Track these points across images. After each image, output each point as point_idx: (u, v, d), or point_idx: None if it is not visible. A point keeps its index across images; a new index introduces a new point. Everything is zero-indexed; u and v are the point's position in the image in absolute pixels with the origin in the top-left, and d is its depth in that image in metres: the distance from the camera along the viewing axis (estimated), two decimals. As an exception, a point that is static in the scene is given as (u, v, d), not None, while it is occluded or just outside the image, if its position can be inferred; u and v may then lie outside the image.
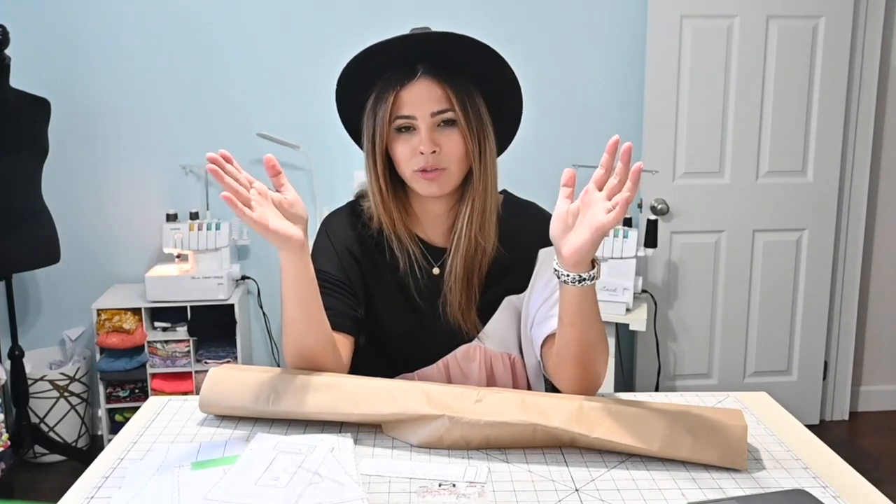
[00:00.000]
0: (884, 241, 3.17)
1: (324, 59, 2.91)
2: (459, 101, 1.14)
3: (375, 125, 1.17)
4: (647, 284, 2.95)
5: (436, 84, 1.14)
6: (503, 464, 0.97)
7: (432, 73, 1.14)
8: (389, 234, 1.23)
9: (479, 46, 1.14)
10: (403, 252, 1.23)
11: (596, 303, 1.06)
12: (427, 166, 1.15)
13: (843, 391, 3.21)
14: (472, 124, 1.16)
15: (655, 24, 2.83)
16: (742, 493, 0.89)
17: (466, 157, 1.17)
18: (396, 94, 1.14)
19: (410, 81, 1.14)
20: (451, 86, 1.14)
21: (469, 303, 1.22)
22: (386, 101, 1.14)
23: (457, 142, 1.16)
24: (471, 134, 1.16)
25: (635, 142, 2.98)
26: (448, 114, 1.14)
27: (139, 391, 2.87)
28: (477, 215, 1.20)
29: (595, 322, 1.07)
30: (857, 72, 2.96)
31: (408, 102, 1.14)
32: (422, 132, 1.14)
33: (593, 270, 1.01)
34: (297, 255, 1.06)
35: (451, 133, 1.15)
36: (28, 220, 2.49)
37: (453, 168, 1.17)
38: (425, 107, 1.14)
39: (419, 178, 1.16)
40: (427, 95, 1.14)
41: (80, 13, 2.85)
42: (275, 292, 3.07)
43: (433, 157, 1.14)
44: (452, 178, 1.18)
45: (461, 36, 1.13)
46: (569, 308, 1.05)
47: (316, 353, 1.12)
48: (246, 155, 2.97)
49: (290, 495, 0.86)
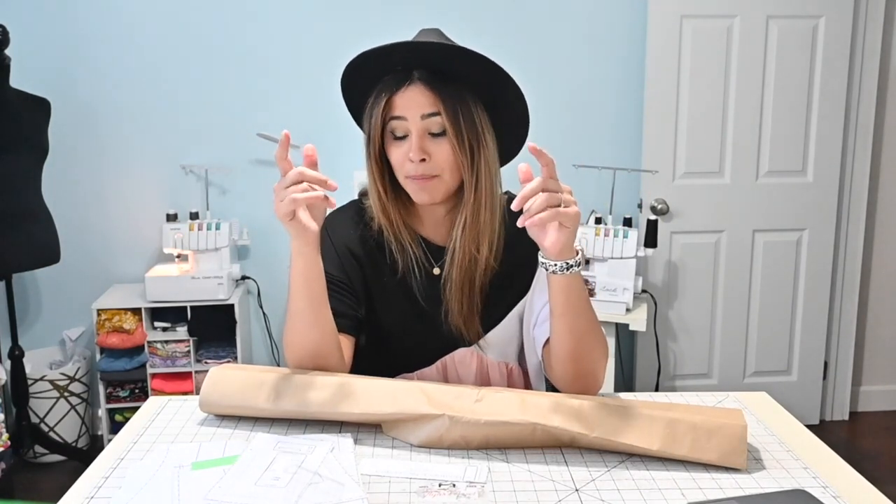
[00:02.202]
0: (884, 241, 3.17)
1: (324, 59, 2.91)
2: (450, 109, 1.13)
3: (371, 127, 1.17)
4: (647, 284, 2.95)
5: (427, 90, 1.14)
6: (503, 464, 0.97)
7: (425, 80, 1.14)
8: (389, 235, 1.23)
9: (477, 58, 1.13)
10: (404, 253, 1.23)
11: (585, 291, 1.08)
12: (416, 174, 1.15)
13: (843, 391, 3.21)
14: (462, 134, 1.14)
15: (655, 24, 2.83)
16: (742, 493, 0.89)
17: (456, 165, 1.17)
18: (390, 97, 1.15)
19: (404, 86, 1.14)
20: (441, 93, 1.14)
21: (471, 311, 1.22)
22: (379, 105, 1.15)
23: (447, 151, 1.15)
24: (460, 144, 1.14)
25: (635, 142, 2.98)
26: (437, 118, 1.14)
27: (139, 391, 2.87)
28: (469, 227, 1.19)
29: (584, 311, 1.08)
30: (857, 72, 2.96)
31: (399, 106, 1.14)
32: (412, 138, 1.14)
33: (578, 256, 1.03)
34: (310, 247, 1.07)
35: (442, 142, 1.15)
36: (28, 220, 2.49)
37: (446, 175, 1.16)
38: (416, 109, 1.14)
39: (412, 184, 1.17)
40: (419, 100, 1.14)
41: (81, 13, 2.85)
42: (275, 292, 3.07)
43: (422, 166, 1.14)
44: (445, 185, 1.17)
45: (455, 47, 1.13)
46: (559, 298, 1.06)
47: (321, 349, 1.12)
48: (246, 155, 2.98)
49: (290, 495, 0.86)
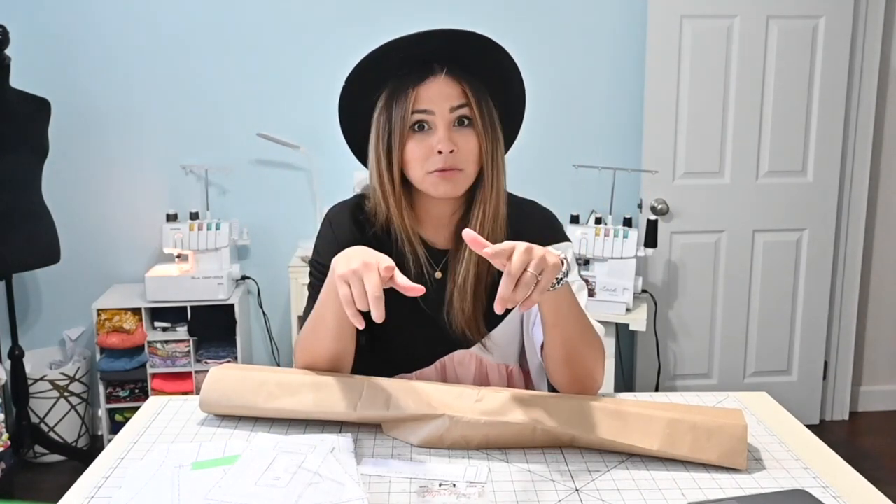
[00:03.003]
0: (884, 241, 3.16)
1: (324, 59, 2.91)
2: (476, 100, 1.14)
3: (392, 123, 1.14)
4: (647, 284, 2.95)
5: (454, 81, 1.13)
6: (503, 464, 0.97)
7: (451, 71, 1.13)
8: (398, 237, 1.20)
9: (495, 48, 1.14)
10: (409, 256, 1.20)
11: (574, 299, 1.07)
12: (445, 166, 1.12)
13: (843, 391, 3.21)
14: (486, 124, 1.15)
15: (655, 24, 2.83)
16: (742, 493, 0.89)
17: (480, 158, 1.16)
18: (416, 90, 1.12)
19: (429, 78, 1.13)
20: (468, 84, 1.14)
21: (475, 311, 1.19)
22: (406, 98, 1.12)
23: (473, 141, 1.14)
24: (485, 134, 1.15)
25: (635, 142, 2.98)
26: (465, 110, 1.13)
27: (139, 391, 2.87)
28: (489, 220, 1.18)
29: (576, 320, 1.07)
30: (857, 72, 2.96)
31: (426, 98, 1.12)
32: (440, 130, 1.12)
33: (564, 268, 1.00)
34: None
35: (468, 133, 1.14)
36: (28, 220, 2.49)
37: (469, 169, 1.15)
38: (444, 102, 1.12)
39: (435, 177, 1.13)
40: (447, 92, 1.12)
41: (81, 13, 2.85)
42: (275, 292, 3.07)
43: (451, 157, 1.12)
44: (467, 178, 1.16)
45: (480, 36, 1.13)
46: (549, 311, 1.06)
47: (337, 357, 1.13)
48: (246, 155, 2.98)
49: (290, 495, 0.86)
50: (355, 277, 0.96)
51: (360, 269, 0.96)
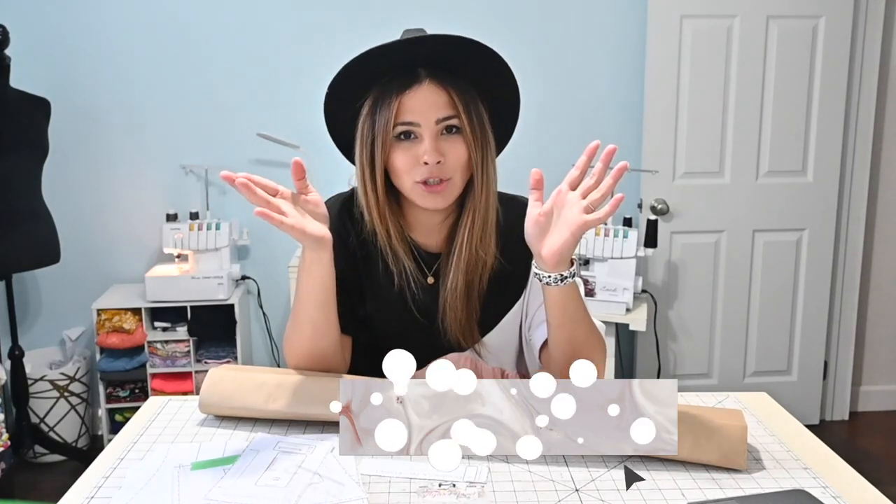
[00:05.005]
0: (884, 241, 3.16)
1: (324, 59, 2.89)
2: (464, 106, 1.09)
3: (375, 132, 1.10)
4: (647, 284, 2.95)
5: (440, 89, 1.08)
6: (503, 464, 0.97)
7: (436, 78, 1.08)
8: (385, 246, 1.17)
9: (484, 50, 1.09)
10: (398, 264, 1.18)
11: (581, 299, 1.06)
12: (431, 177, 1.08)
13: (843, 391, 3.21)
14: (476, 131, 1.10)
15: (655, 25, 2.83)
16: (742, 493, 0.89)
17: (469, 165, 1.12)
18: (399, 99, 1.08)
19: (414, 86, 1.08)
20: (455, 91, 1.09)
21: (469, 318, 1.18)
22: (389, 107, 1.07)
23: (461, 149, 1.10)
24: (475, 141, 1.10)
25: (635, 142, 2.98)
26: (453, 120, 1.09)
27: (139, 391, 2.87)
28: (478, 228, 1.14)
29: (582, 320, 1.07)
30: (857, 72, 2.96)
31: (411, 109, 1.08)
32: (426, 141, 1.08)
33: (572, 267, 1.00)
34: (327, 254, 1.04)
35: (455, 140, 1.10)
36: (28, 220, 2.49)
37: (457, 178, 1.11)
38: (430, 113, 1.08)
39: (421, 190, 1.10)
40: (432, 101, 1.08)
41: (81, 13, 2.85)
42: (275, 292, 3.07)
43: (438, 168, 1.08)
44: (455, 188, 1.12)
45: (467, 39, 1.08)
46: (555, 310, 1.04)
47: (328, 355, 1.12)
48: (246, 155, 2.98)
49: (290, 495, 0.86)
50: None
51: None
